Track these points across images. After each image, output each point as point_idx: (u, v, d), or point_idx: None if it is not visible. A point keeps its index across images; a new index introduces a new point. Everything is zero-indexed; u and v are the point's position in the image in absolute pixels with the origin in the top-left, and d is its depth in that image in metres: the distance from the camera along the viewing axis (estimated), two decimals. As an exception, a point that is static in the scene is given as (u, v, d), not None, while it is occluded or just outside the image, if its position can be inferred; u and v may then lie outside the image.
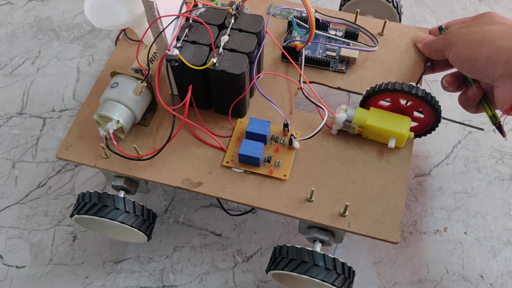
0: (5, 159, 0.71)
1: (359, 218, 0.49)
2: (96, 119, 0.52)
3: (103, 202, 0.51)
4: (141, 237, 0.55)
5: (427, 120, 0.53)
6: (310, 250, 0.48)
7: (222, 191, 0.51)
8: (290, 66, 0.60)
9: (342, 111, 0.53)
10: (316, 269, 0.47)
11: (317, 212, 0.50)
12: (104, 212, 0.51)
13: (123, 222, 0.51)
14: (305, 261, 0.47)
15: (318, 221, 0.49)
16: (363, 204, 0.50)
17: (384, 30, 0.62)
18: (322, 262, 0.47)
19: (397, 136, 0.51)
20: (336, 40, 0.61)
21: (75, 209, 0.53)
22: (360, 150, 0.53)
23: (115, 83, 0.52)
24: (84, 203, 0.52)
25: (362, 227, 0.49)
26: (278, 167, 0.52)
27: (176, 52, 0.48)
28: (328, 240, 0.51)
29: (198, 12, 0.53)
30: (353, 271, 0.50)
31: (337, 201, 0.50)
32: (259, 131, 0.52)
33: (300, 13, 0.62)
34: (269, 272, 0.51)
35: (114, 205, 0.51)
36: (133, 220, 0.52)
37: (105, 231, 0.58)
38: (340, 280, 0.47)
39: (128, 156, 0.52)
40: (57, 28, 0.85)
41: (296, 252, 0.48)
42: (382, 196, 0.51)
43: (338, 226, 0.49)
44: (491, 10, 0.84)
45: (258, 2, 0.65)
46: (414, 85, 0.50)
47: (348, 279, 0.48)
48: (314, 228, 0.51)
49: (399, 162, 0.53)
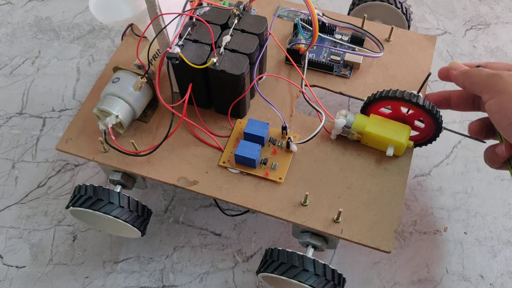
0: (5, 159, 0.72)
1: (353, 225, 0.49)
2: (96, 113, 0.52)
3: (98, 196, 0.51)
4: (135, 232, 0.55)
5: (428, 130, 0.52)
6: (301, 254, 0.47)
7: (218, 191, 0.51)
8: (293, 68, 0.60)
9: (342, 116, 0.52)
10: (306, 274, 0.46)
11: (311, 217, 0.49)
12: (98, 206, 0.51)
13: (116, 216, 0.51)
14: (295, 265, 0.47)
15: (311, 226, 0.49)
16: (358, 211, 0.50)
17: (391, 36, 0.61)
18: (312, 268, 0.47)
19: (396, 144, 0.51)
20: (342, 45, 0.60)
21: (70, 201, 0.53)
22: (358, 156, 0.53)
23: (116, 78, 0.53)
24: (80, 196, 0.52)
25: (355, 234, 0.48)
26: (274, 170, 0.52)
27: (177, 50, 0.48)
28: (320, 246, 0.50)
29: (202, 11, 0.53)
30: (343, 278, 0.49)
31: (332, 206, 0.50)
32: (257, 133, 0.51)
33: (307, 16, 0.62)
34: (259, 274, 0.51)
35: (108, 199, 0.51)
36: (127, 215, 0.52)
37: (99, 225, 0.58)
38: (330, 287, 0.47)
39: (125, 151, 0.52)
40: (57, 28, 0.86)
41: (286, 256, 0.48)
42: (378, 203, 0.50)
43: (330, 232, 0.49)
44: (491, 10, 0.84)
45: (265, 3, 0.65)
46: (415, 93, 0.49)
47: (337, 286, 0.48)
48: (307, 233, 0.51)
49: (397, 171, 0.52)
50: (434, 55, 0.78)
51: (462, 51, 0.81)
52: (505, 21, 0.85)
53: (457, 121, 0.73)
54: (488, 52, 0.80)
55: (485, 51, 0.81)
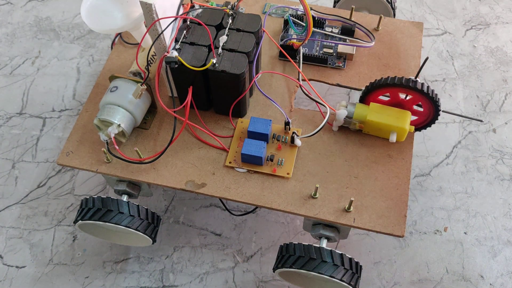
0: (5, 159, 0.71)
1: (364, 213, 0.50)
2: (97, 124, 0.51)
3: (107, 207, 0.51)
4: (146, 240, 0.55)
5: (427, 113, 0.53)
6: (318, 247, 0.48)
7: (227, 191, 0.51)
8: (287, 64, 0.60)
9: (343, 107, 0.53)
10: (324, 266, 0.47)
11: (322, 208, 0.50)
12: (108, 217, 0.50)
13: (128, 226, 0.51)
14: (313, 258, 0.47)
15: (324, 218, 0.49)
16: (367, 199, 0.50)
17: (379, 25, 0.62)
18: (330, 258, 0.47)
19: (398, 130, 0.51)
20: (333, 37, 0.61)
21: (78, 215, 0.52)
22: (361, 145, 0.54)
23: (114, 87, 0.52)
24: (88, 209, 0.51)
25: (367, 222, 0.49)
26: (281, 165, 0.52)
27: (175, 54, 0.48)
28: (333, 236, 0.51)
29: (195, 13, 0.53)
30: (360, 266, 0.50)
31: (341, 197, 0.51)
32: (261, 130, 0.52)
33: (296, 11, 0.62)
34: (276, 271, 0.51)
35: (118, 210, 0.51)
36: (138, 224, 0.52)
37: (108, 236, 0.58)
38: (348, 276, 0.48)
39: (130, 160, 0.52)
40: (57, 28, 0.85)
41: (303, 249, 0.48)
42: (386, 190, 0.51)
43: (343, 222, 0.49)
44: (491, 10, 0.85)
45: (252, 2, 0.65)
46: (413, 79, 0.50)
47: (355, 274, 0.49)
48: (319, 225, 0.51)
49: (400, 156, 0.53)
50: (434, 55, 0.80)
51: (462, 51, 0.81)
52: (505, 21, 0.85)
53: (457, 121, 0.73)
54: (488, 52, 0.81)
55: (485, 51, 0.81)
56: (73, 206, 0.67)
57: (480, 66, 0.79)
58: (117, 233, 0.56)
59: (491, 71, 0.78)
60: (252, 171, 0.52)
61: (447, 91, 0.75)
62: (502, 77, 0.78)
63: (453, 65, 0.79)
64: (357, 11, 0.68)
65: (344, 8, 0.70)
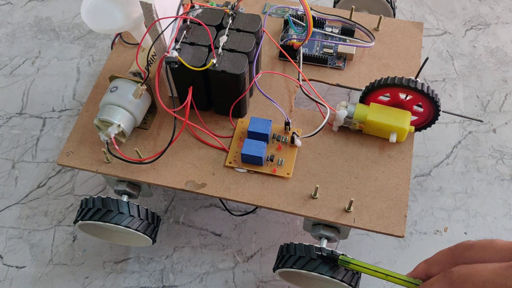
0: (5, 159, 0.71)
1: (364, 213, 0.50)
2: (97, 124, 0.51)
3: (107, 207, 0.51)
4: (146, 240, 0.55)
5: (427, 114, 0.53)
6: (318, 247, 0.48)
7: (227, 191, 0.51)
8: (287, 64, 0.60)
9: (343, 107, 0.53)
10: (325, 266, 0.47)
11: (322, 209, 0.50)
12: (108, 217, 0.50)
13: (127, 226, 0.51)
14: (314, 258, 0.47)
15: (324, 218, 0.49)
16: (367, 199, 0.50)
17: (379, 25, 0.62)
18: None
19: (398, 130, 0.52)
20: (333, 37, 0.61)
21: (78, 215, 0.52)
22: (361, 145, 0.54)
23: (114, 87, 0.52)
24: (88, 209, 0.51)
25: (367, 222, 0.49)
26: (281, 166, 0.52)
27: (175, 54, 0.48)
28: (334, 237, 0.51)
29: (195, 14, 0.53)
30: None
31: (341, 197, 0.51)
32: (261, 130, 0.52)
33: (296, 11, 0.62)
34: (276, 271, 0.51)
35: (118, 210, 0.51)
36: (138, 224, 0.52)
37: (108, 236, 0.58)
38: (349, 276, 0.48)
39: (130, 160, 0.52)
40: (57, 28, 0.85)
41: (304, 249, 0.48)
42: (386, 190, 0.51)
43: (343, 222, 0.49)
44: (491, 10, 0.84)
45: (252, 1, 0.65)
46: (413, 79, 0.50)
47: (356, 274, 0.49)
48: (319, 225, 0.51)
49: (401, 156, 0.53)
50: (434, 55, 0.80)
51: (462, 51, 0.81)
52: (505, 21, 0.85)
53: (457, 121, 0.73)
54: (488, 52, 0.81)
55: (485, 51, 0.81)
56: (73, 206, 0.67)
57: (480, 66, 0.79)
58: (117, 233, 0.56)
59: (491, 71, 0.78)
60: (252, 171, 0.52)
61: (447, 91, 0.75)
62: (502, 77, 0.77)
63: (453, 65, 0.79)
64: (357, 11, 0.68)
65: (344, 8, 0.70)
